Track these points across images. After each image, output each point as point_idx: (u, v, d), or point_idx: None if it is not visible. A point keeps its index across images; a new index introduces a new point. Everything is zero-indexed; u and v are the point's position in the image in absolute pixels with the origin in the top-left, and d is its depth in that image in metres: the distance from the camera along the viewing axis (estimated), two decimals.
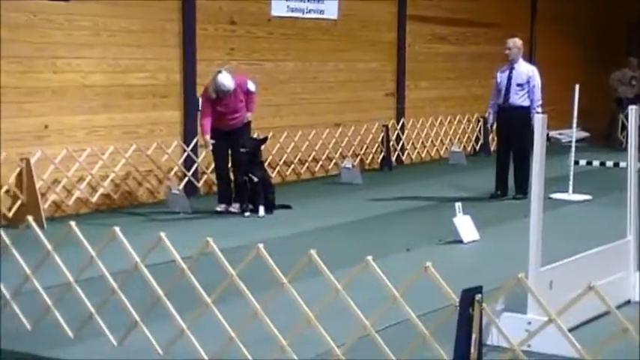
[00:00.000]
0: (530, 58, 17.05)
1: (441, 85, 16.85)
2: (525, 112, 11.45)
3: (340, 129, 14.39)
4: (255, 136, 10.92)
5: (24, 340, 5.56)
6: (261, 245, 4.87)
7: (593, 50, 20.33)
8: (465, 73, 17.18)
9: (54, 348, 5.45)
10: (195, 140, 11.74)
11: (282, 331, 4.89)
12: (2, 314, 5.73)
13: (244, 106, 10.63)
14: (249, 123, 10.84)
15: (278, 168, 13.16)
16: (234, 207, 10.64)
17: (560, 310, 4.63)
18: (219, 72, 10.39)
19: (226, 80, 10.27)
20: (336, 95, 14.46)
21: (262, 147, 10.70)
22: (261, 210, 10.42)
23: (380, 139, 15.10)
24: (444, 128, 16.69)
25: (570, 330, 4.80)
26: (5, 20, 9.71)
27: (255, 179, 10.37)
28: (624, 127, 17.02)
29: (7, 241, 5.68)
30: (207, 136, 10.43)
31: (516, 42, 11.76)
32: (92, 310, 5.38)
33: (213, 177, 11.43)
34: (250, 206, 10.50)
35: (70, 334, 5.51)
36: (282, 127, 13.34)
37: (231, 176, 10.81)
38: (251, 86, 10.70)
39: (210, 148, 10.56)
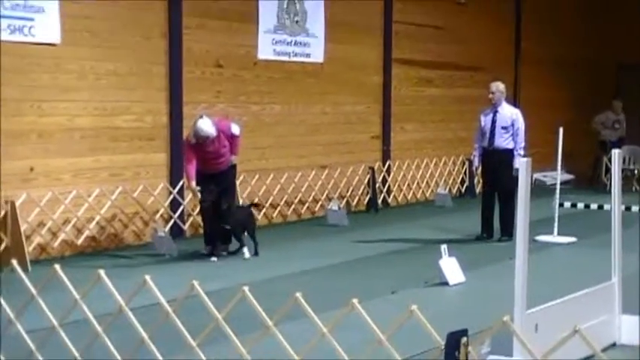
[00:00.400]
0: (514, 101, 17.22)
1: (427, 127, 16.95)
2: (510, 155, 11.54)
3: (326, 171, 14.42)
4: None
5: None
6: (246, 288, 4.86)
7: (579, 92, 20.51)
8: (451, 116, 17.29)
9: None
10: (181, 183, 11.74)
11: None
12: None
13: (229, 150, 10.63)
14: (234, 166, 10.86)
15: (264, 210, 13.15)
16: (225, 249, 10.62)
17: (545, 353, 4.62)
18: (200, 117, 10.40)
19: (205, 126, 10.22)
20: (322, 137, 14.52)
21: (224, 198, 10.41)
22: (246, 252, 10.41)
23: (366, 181, 15.14)
24: (429, 170, 16.76)
25: None
26: None
27: (227, 227, 10.36)
28: (608, 170, 17.13)
29: None
30: (193, 183, 10.38)
31: (499, 86, 11.88)
32: (76, 354, 5.33)
33: (199, 219, 11.41)
34: (224, 252, 10.55)
35: None
36: (268, 169, 13.36)
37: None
38: (235, 130, 10.70)
39: (199, 197, 10.40)
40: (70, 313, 5.35)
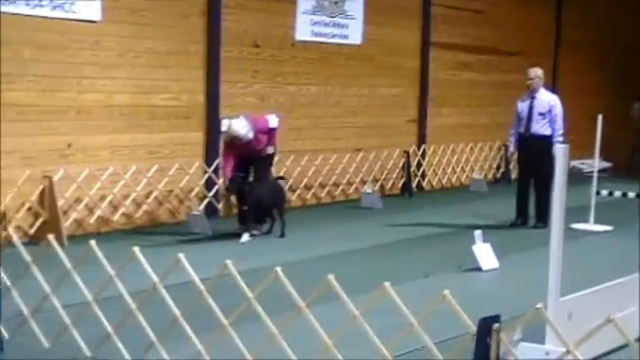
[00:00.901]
0: (553, 87, 17.03)
1: (464, 112, 16.85)
2: (547, 141, 11.44)
3: (361, 154, 14.40)
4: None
5: (41, 359, 5.58)
6: (279, 268, 4.88)
7: (618, 79, 20.24)
8: (488, 101, 17.17)
9: None
10: (216, 162, 11.79)
11: (298, 355, 4.88)
12: (21, 331, 5.77)
13: (266, 144, 10.61)
14: (272, 155, 10.86)
15: (299, 191, 13.18)
16: (257, 229, 10.65)
17: (578, 341, 4.60)
18: (237, 117, 10.39)
19: (239, 127, 10.22)
20: (357, 120, 14.50)
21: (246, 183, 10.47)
22: (245, 236, 10.33)
23: (401, 165, 15.10)
24: (465, 155, 16.68)
25: None
26: (33, 39, 9.85)
27: (245, 207, 10.38)
28: None
29: (28, 258, 5.72)
30: (227, 180, 10.44)
31: (537, 71, 11.76)
32: (110, 329, 5.40)
33: (234, 199, 11.45)
34: (257, 232, 10.57)
35: (88, 352, 5.53)
36: (303, 150, 13.37)
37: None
38: (273, 123, 10.66)
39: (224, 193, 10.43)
40: (104, 288, 5.42)
